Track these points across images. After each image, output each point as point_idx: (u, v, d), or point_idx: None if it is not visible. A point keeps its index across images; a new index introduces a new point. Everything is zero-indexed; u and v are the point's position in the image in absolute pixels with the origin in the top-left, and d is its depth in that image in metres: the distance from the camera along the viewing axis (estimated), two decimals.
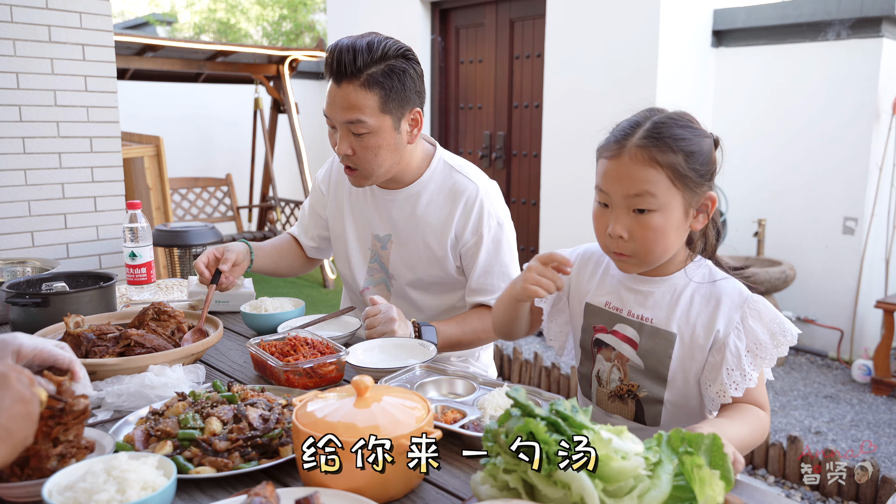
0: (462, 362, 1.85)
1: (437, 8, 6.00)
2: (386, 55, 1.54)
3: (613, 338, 1.28)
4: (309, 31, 13.15)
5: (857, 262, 4.40)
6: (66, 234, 2.78)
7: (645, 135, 1.15)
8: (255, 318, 1.69)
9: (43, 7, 2.59)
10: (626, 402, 1.30)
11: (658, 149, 1.14)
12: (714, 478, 0.81)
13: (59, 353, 1.03)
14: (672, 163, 1.13)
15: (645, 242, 1.17)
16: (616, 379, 1.30)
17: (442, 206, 1.70)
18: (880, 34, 4.23)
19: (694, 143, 1.16)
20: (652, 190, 1.14)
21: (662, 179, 1.14)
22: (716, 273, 1.26)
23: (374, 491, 0.89)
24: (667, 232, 1.17)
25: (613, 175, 1.17)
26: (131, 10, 15.07)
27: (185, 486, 0.97)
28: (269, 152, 6.72)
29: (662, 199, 1.14)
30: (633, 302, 1.27)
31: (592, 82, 4.85)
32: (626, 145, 1.16)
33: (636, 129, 1.17)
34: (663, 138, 1.14)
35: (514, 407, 0.87)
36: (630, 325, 1.27)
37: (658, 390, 1.26)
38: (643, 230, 1.16)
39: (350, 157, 1.61)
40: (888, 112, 4.34)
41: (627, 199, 1.16)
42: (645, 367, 1.26)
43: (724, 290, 1.22)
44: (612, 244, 1.20)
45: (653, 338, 1.24)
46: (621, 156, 1.16)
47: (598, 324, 1.31)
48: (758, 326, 1.19)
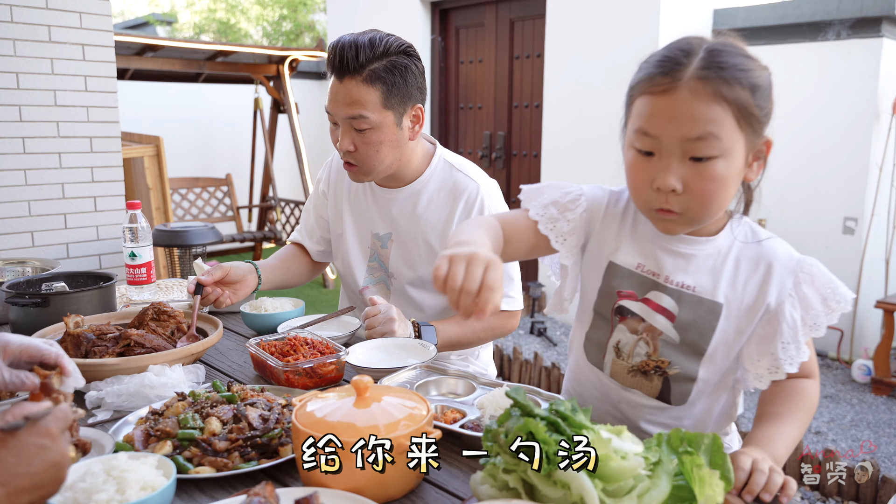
0: (462, 361, 1.85)
1: (437, 8, 6.00)
2: (388, 51, 1.55)
3: (645, 307, 1.12)
4: (309, 31, 13.15)
5: (857, 262, 4.40)
6: (66, 234, 2.78)
7: (704, 64, 0.96)
8: (255, 318, 1.69)
9: (43, 7, 2.59)
10: (651, 378, 1.15)
11: (723, 80, 0.95)
12: (714, 478, 0.81)
13: (45, 348, 1.03)
14: (739, 98, 0.96)
15: (703, 196, 0.99)
16: (642, 353, 1.15)
17: (443, 204, 1.71)
18: (880, 34, 4.23)
19: (757, 74, 0.98)
20: (716, 131, 0.95)
21: (728, 118, 0.96)
22: (759, 232, 1.11)
23: (373, 491, 0.89)
24: (728, 182, 0.99)
25: (667, 114, 0.97)
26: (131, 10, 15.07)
27: (185, 486, 0.97)
28: (269, 152, 6.72)
29: (727, 142, 0.96)
30: (673, 266, 1.10)
31: (593, 82, 4.86)
32: (681, 77, 0.97)
33: (689, 57, 0.98)
34: (727, 68, 0.96)
35: (514, 407, 0.87)
36: (668, 293, 1.10)
37: (692, 367, 1.13)
38: (702, 181, 0.98)
39: (351, 154, 1.61)
40: (888, 112, 4.34)
41: (685, 143, 0.97)
42: (681, 342, 1.11)
43: (773, 252, 1.09)
44: (657, 200, 1.02)
45: (695, 309, 1.09)
46: (676, 90, 0.96)
47: (626, 289, 1.13)
48: (811, 292, 1.06)
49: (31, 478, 0.75)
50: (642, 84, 1.03)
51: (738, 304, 1.09)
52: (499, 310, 1.54)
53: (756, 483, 0.92)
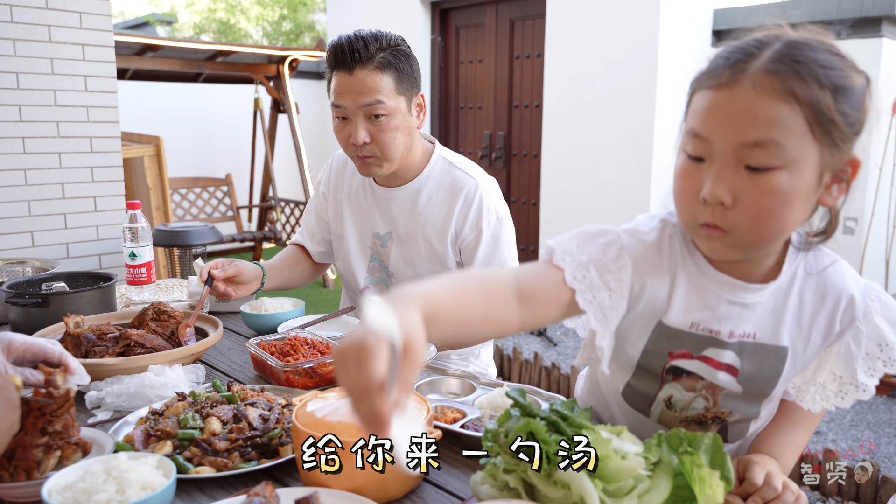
0: (462, 360, 1.85)
1: (437, 8, 6.00)
2: (390, 43, 1.60)
3: (703, 365, 0.97)
4: (309, 31, 13.15)
5: (857, 262, 4.40)
6: (66, 234, 2.78)
7: (776, 56, 0.80)
8: (255, 318, 1.69)
9: (43, 7, 2.59)
10: (709, 426, 1.04)
11: (798, 76, 0.78)
12: (714, 478, 0.81)
13: (49, 346, 1.04)
14: (815, 99, 0.78)
15: (758, 214, 0.81)
16: (700, 408, 1.02)
17: (442, 201, 1.71)
18: (880, 34, 4.23)
19: (846, 76, 0.80)
20: (779, 137, 0.78)
21: (798, 122, 0.78)
22: (820, 258, 0.96)
23: (374, 491, 0.89)
24: (791, 201, 0.80)
25: (723, 112, 0.81)
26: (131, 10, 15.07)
27: (185, 486, 0.97)
28: (269, 152, 6.72)
29: (793, 150, 0.79)
30: (738, 319, 0.94)
31: (593, 82, 4.86)
32: (746, 70, 0.80)
33: (763, 48, 0.82)
34: (805, 63, 0.79)
35: (514, 407, 0.87)
36: (729, 348, 0.96)
37: (754, 411, 1.03)
38: (758, 195, 0.80)
39: (368, 146, 1.61)
40: (888, 112, 4.34)
41: (739, 148, 0.80)
42: (744, 392, 1.00)
43: (839, 281, 0.95)
44: (703, 213, 0.84)
45: (758, 357, 0.96)
46: (738, 84, 0.80)
47: (678, 349, 0.98)
48: (882, 322, 0.93)
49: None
50: (703, 76, 0.86)
51: (804, 344, 0.96)
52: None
53: (762, 497, 0.90)
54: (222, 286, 1.65)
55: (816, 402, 1.00)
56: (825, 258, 0.97)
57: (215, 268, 1.64)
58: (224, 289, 1.65)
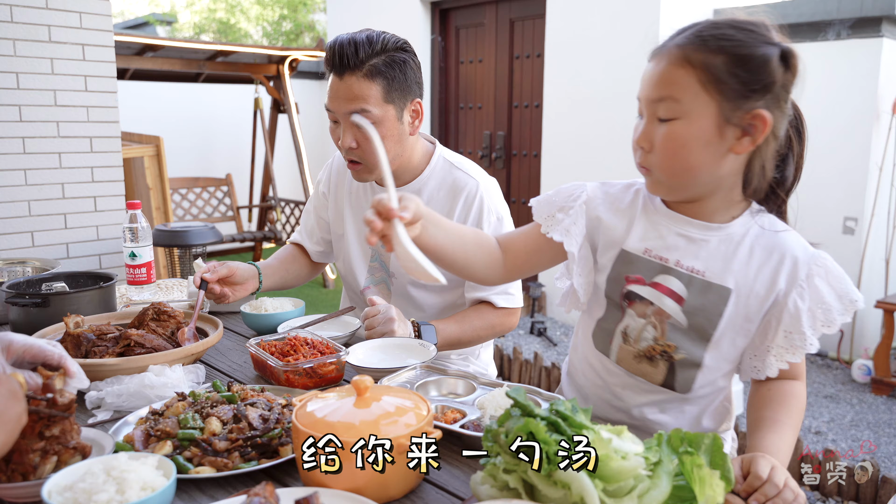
0: (462, 360, 1.86)
1: (437, 8, 6.00)
2: (386, 47, 1.56)
3: (653, 291, 1.13)
4: (309, 31, 13.15)
5: (857, 262, 4.40)
6: (66, 234, 2.78)
7: (687, 34, 1.02)
8: (255, 318, 1.69)
9: (43, 7, 2.59)
10: (657, 363, 1.17)
11: (694, 47, 1.00)
12: (714, 478, 0.81)
13: (49, 349, 1.03)
14: (707, 63, 0.99)
15: (664, 154, 1.04)
16: (649, 337, 1.16)
17: (443, 202, 1.71)
18: (880, 34, 4.23)
19: (746, 46, 0.99)
20: (676, 94, 1.01)
21: (691, 82, 1.00)
22: (777, 224, 1.12)
23: (373, 491, 0.89)
24: (688, 144, 1.01)
25: (646, 78, 1.06)
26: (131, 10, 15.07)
27: (185, 487, 0.97)
28: (269, 152, 6.72)
29: (688, 104, 1.00)
30: (685, 251, 1.11)
31: (593, 82, 4.86)
32: (666, 45, 1.04)
33: (687, 29, 1.05)
34: (707, 37, 1.00)
35: (514, 407, 0.87)
36: (678, 276, 1.11)
37: (698, 352, 1.14)
38: (664, 140, 1.03)
39: (354, 151, 1.61)
40: (888, 112, 4.34)
41: (651, 104, 1.04)
42: (688, 326, 1.12)
43: (787, 243, 1.09)
44: (637, 157, 1.08)
45: (704, 293, 1.10)
46: (657, 56, 1.05)
47: (634, 273, 1.15)
48: (823, 286, 1.06)
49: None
50: None
51: (747, 291, 1.09)
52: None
53: (764, 494, 0.92)
54: (218, 288, 1.64)
55: (773, 366, 1.11)
56: (781, 225, 1.12)
57: (206, 272, 1.63)
58: (220, 290, 1.64)
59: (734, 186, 1.09)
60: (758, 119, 1.00)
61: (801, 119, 1.11)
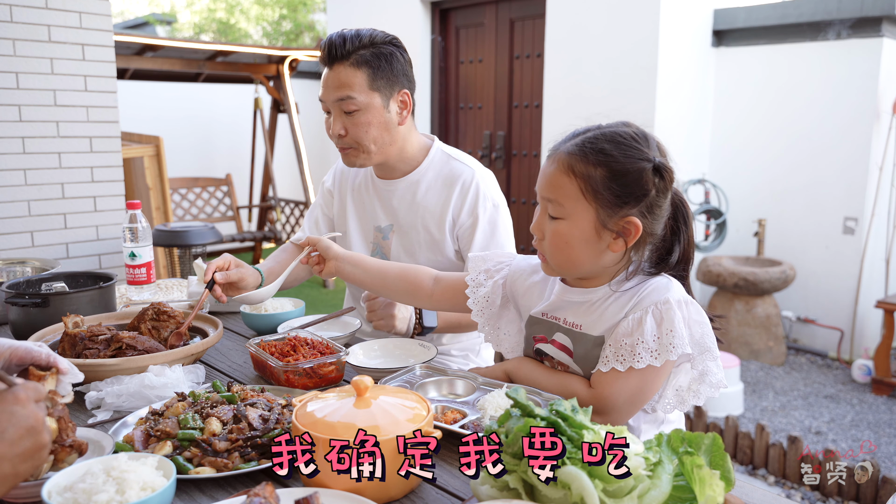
0: (462, 358, 1.86)
1: (437, 8, 6.00)
2: (374, 41, 1.65)
3: (552, 347, 1.28)
4: (309, 31, 13.15)
5: (857, 262, 4.40)
6: (65, 234, 2.78)
7: (576, 143, 1.16)
8: (255, 318, 1.69)
9: (43, 7, 2.59)
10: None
11: (578, 158, 1.14)
12: (714, 478, 0.81)
13: (35, 349, 1.02)
14: (587, 175, 1.13)
15: (552, 247, 1.19)
16: None
17: (440, 191, 1.75)
18: (880, 34, 4.23)
19: (621, 162, 1.13)
20: (560, 198, 1.15)
21: (574, 190, 1.14)
22: (653, 282, 1.20)
23: (374, 491, 0.89)
24: (571, 242, 1.16)
25: (540, 177, 1.21)
26: (131, 10, 15.06)
27: (185, 487, 0.97)
28: (269, 152, 6.72)
29: (569, 208, 1.15)
30: (570, 312, 1.25)
31: (592, 82, 4.85)
32: (558, 149, 1.18)
33: (575, 137, 1.19)
34: (588, 151, 1.14)
35: (514, 407, 0.87)
36: (565, 333, 1.25)
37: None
38: (551, 235, 1.18)
39: (343, 138, 1.68)
40: (888, 112, 4.34)
41: (543, 200, 1.19)
42: (584, 374, 1.25)
43: (644, 292, 1.19)
44: (533, 241, 1.24)
45: (584, 344, 1.23)
46: (550, 159, 1.19)
47: (539, 334, 1.30)
48: (649, 325, 1.15)
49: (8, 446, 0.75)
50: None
51: (612, 335, 1.19)
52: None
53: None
54: (219, 290, 1.62)
55: (607, 363, 1.20)
56: (656, 282, 1.20)
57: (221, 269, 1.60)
58: (220, 294, 1.62)
59: (619, 269, 1.22)
60: (631, 224, 1.14)
61: (686, 208, 1.22)
